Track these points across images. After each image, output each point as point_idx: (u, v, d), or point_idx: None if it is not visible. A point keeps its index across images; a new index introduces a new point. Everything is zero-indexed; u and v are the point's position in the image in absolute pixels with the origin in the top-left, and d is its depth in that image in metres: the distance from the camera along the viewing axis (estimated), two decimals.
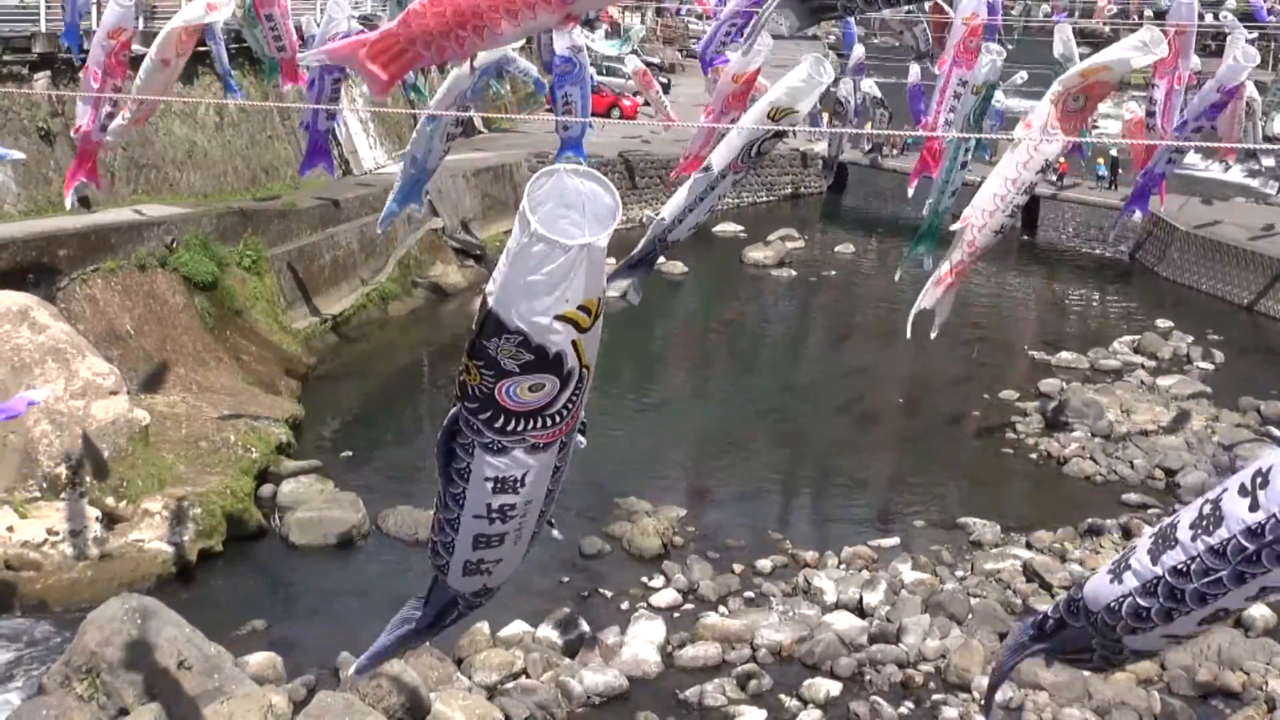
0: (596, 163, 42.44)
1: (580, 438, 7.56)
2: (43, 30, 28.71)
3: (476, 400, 6.93)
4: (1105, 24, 50.80)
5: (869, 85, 45.17)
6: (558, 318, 6.45)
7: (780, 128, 13.74)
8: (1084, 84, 13.68)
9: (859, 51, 43.73)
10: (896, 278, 13.69)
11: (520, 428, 7.02)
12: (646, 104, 51.52)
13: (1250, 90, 39.75)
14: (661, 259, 39.93)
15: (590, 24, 52.39)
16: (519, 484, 7.29)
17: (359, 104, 36.69)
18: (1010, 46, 43.06)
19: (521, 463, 7.16)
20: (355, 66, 10.63)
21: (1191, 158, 49.92)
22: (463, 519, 7.62)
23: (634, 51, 47.92)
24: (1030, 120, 13.21)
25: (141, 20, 27.41)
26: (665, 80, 54.39)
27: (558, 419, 7.09)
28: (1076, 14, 57.94)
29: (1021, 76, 37.87)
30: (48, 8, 28.97)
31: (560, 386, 6.89)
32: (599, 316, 6.66)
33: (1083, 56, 34.98)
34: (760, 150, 13.09)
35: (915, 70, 37.37)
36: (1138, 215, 32.56)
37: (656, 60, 48.65)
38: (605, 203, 6.55)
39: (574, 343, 6.66)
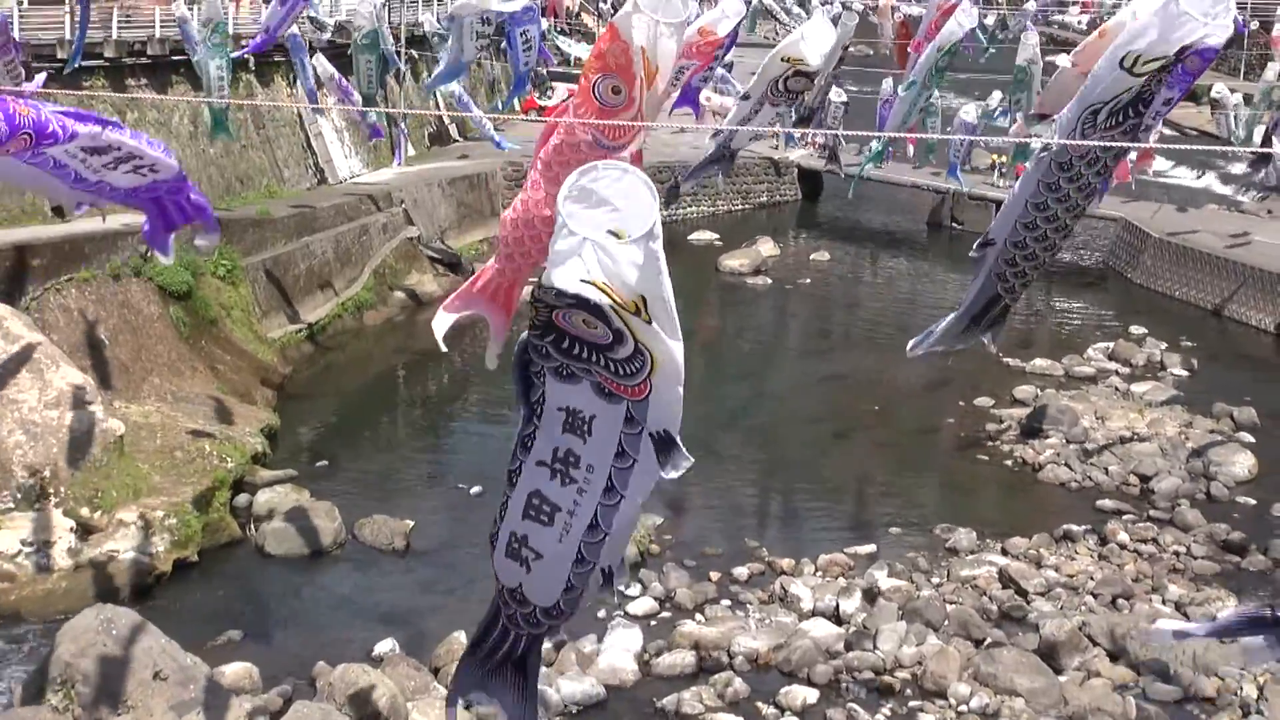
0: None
1: (667, 470, 7.51)
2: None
3: (539, 326, 7.11)
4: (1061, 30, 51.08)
5: (836, 93, 45.24)
6: (583, 281, 6.56)
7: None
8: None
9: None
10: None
11: (584, 355, 7.09)
12: None
13: (1226, 95, 40.15)
14: None
15: (567, 34, 52.48)
16: (587, 428, 7.35)
17: (333, 112, 36.75)
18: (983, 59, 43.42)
19: (591, 402, 7.23)
20: (483, 310, 11.71)
21: (1162, 164, 50.27)
22: (525, 467, 7.80)
23: None
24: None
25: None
26: None
27: (621, 372, 7.05)
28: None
29: (994, 98, 37.84)
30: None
31: (614, 340, 6.87)
32: (650, 319, 6.71)
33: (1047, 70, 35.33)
34: (788, 88, 13.28)
35: (888, 84, 37.46)
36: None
37: None
38: (641, 206, 6.65)
39: (620, 316, 6.71)
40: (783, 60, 13.01)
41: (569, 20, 54.31)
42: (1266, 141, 36.94)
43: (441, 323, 12.44)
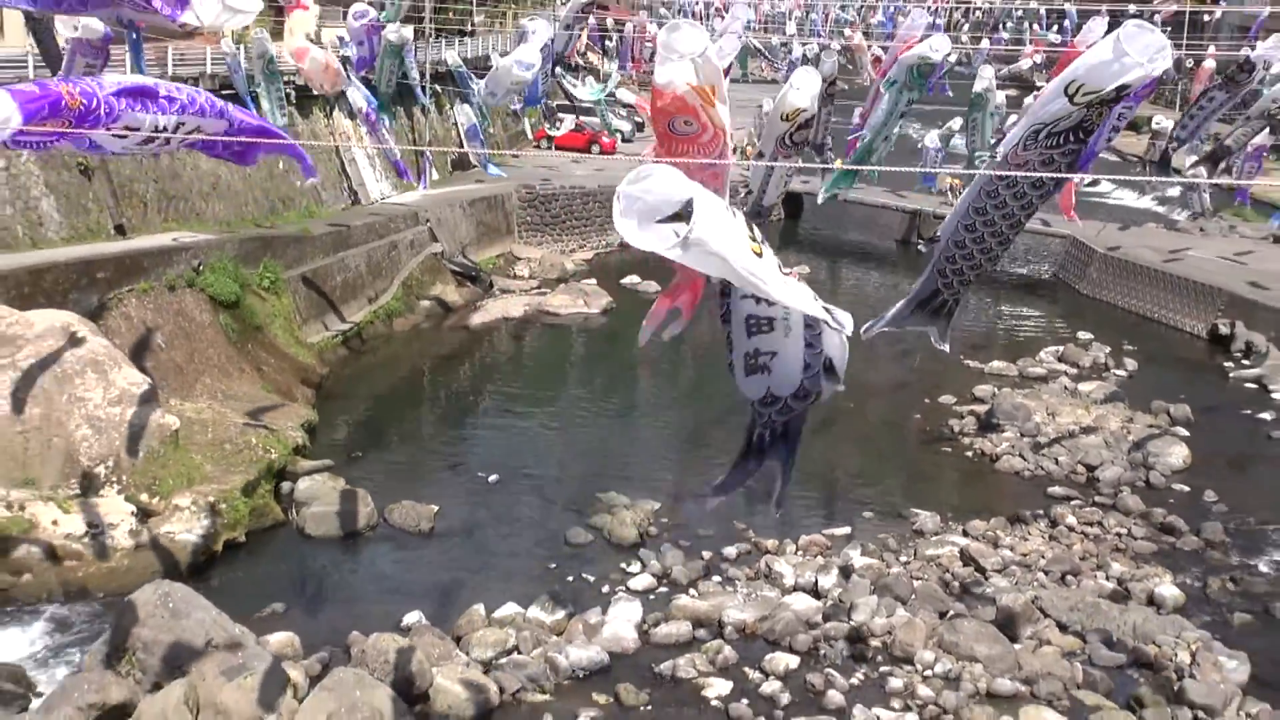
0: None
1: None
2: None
3: None
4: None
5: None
6: None
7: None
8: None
9: None
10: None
11: None
12: (626, 139, 51.63)
13: (1165, 126, 40.12)
14: (637, 279, 40.10)
15: (575, 70, 52.42)
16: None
17: (366, 142, 36.79)
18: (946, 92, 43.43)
19: None
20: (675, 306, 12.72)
21: (1106, 186, 50.34)
22: (732, 303, 8.15)
23: (611, 94, 47.97)
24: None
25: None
26: (640, 120, 54.46)
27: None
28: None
29: (955, 124, 37.90)
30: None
31: None
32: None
33: (1011, 99, 35.42)
34: (793, 139, 13.26)
35: (858, 113, 37.39)
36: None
37: (631, 101, 48.74)
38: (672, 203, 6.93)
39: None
40: (783, 119, 12.99)
41: (578, 54, 54.27)
42: (1164, 160, 36.92)
43: (644, 334, 12.53)
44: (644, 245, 6.92)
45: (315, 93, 32.55)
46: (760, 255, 7.47)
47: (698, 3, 66.75)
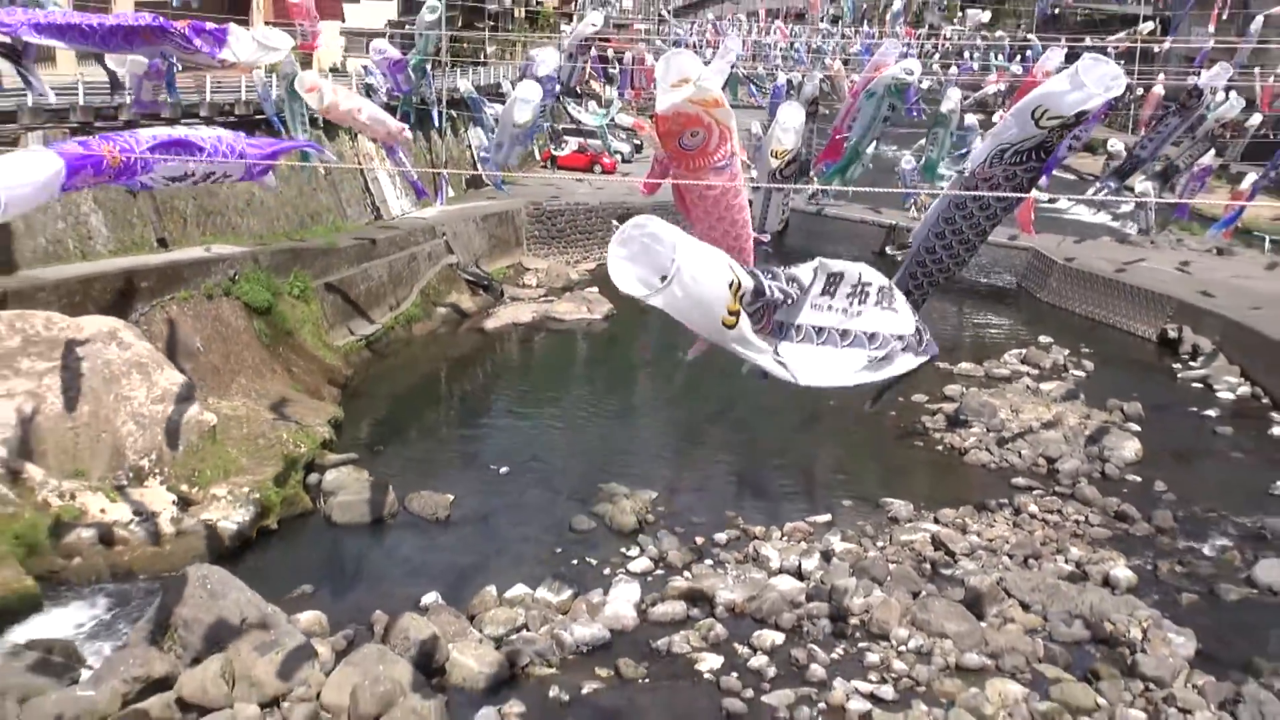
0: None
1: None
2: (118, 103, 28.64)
3: None
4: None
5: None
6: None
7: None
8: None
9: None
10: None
11: None
12: (625, 160, 51.60)
13: (1120, 148, 40.16)
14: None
15: (579, 96, 52.37)
16: None
17: (389, 164, 36.75)
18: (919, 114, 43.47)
19: None
20: None
21: (1064, 203, 50.28)
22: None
23: (612, 120, 47.90)
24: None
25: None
26: (638, 142, 54.42)
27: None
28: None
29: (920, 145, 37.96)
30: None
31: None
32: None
33: (983, 123, 35.47)
34: (784, 174, 13.21)
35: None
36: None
37: (629, 123, 48.68)
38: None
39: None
40: (773, 156, 13.00)
41: (582, 82, 54.23)
42: (1124, 175, 37.05)
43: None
44: (627, 289, 6.90)
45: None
46: (734, 326, 7.42)
47: (692, 34, 66.84)
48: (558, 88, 30.29)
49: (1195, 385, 31.91)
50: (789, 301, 8.22)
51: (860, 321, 8.70)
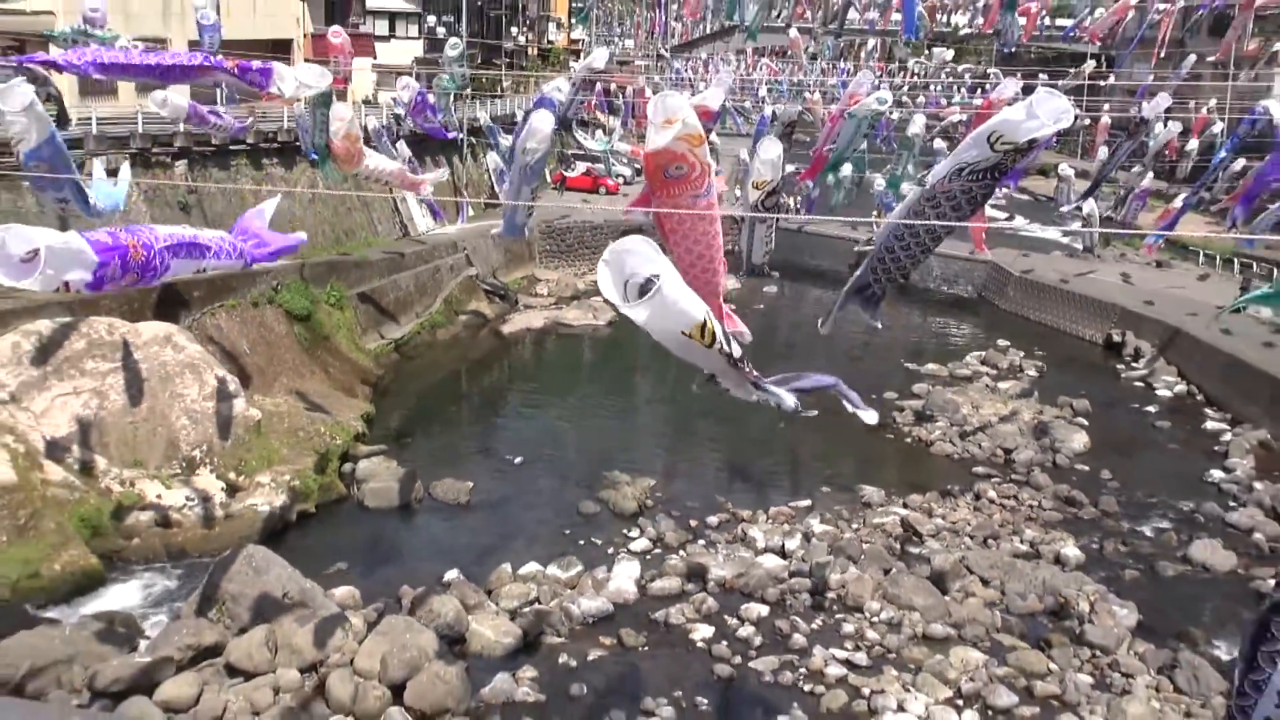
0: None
1: None
2: (180, 130, 28.68)
3: None
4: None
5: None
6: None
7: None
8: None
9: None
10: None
11: None
12: (626, 182, 51.60)
13: (1069, 173, 40.23)
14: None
15: (586, 125, 52.45)
16: None
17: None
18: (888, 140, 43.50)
19: None
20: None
21: (1020, 221, 50.26)
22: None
23: (614, 147, 47.94)
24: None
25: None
26: (638, 166, 54.39)
27: None
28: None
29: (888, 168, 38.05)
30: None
31: None
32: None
33: (949, 148, 35.50)
34: (765, 205, 13.18)
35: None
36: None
37: (628, 149, 48.69)
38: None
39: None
40: (755, 187, 13.03)
41: (587, 113, 54.22)
42: (1092, 190, 37.20)
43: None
44: (610, 296, 6.90)
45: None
46: (710, 344, 7.39)
47: (687, 70, 66.83)
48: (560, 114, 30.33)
49: (1137, 384, 31.91)
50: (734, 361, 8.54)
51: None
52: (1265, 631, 5.14)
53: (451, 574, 19.04)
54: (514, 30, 65.36)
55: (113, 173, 17.78)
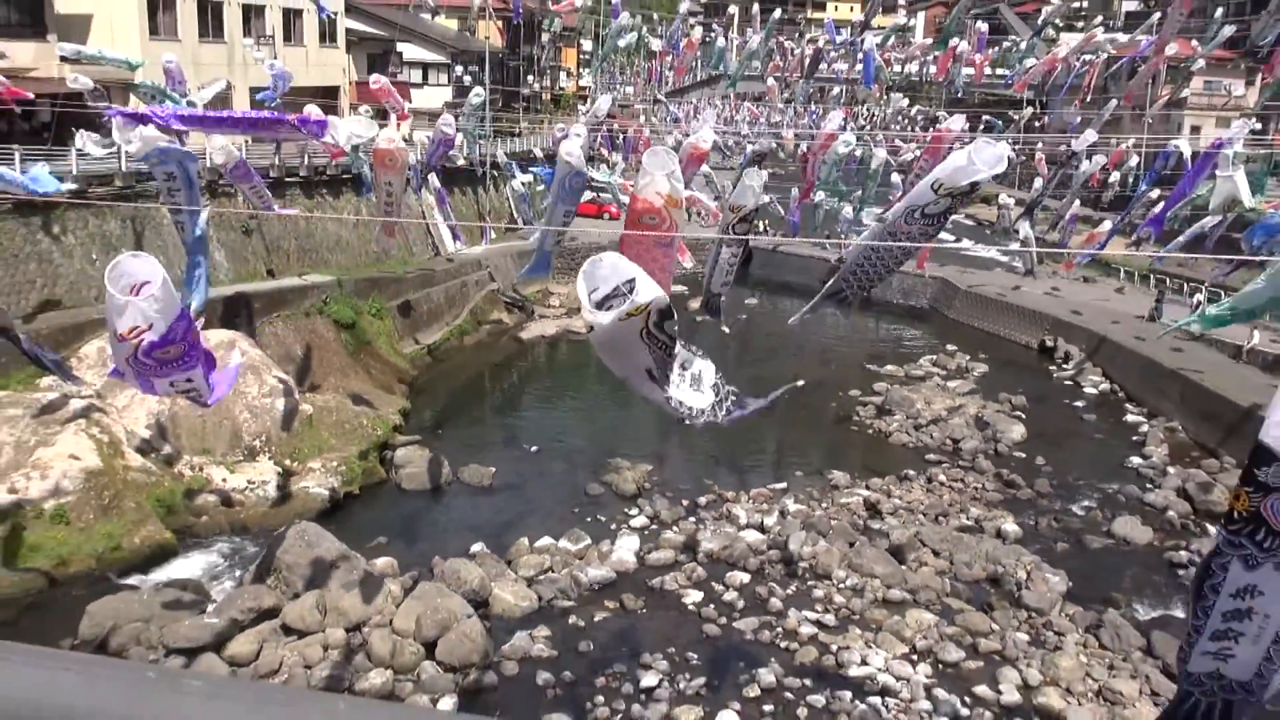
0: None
1: None
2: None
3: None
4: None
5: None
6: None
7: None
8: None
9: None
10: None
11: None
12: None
13: (1009, 202, 40.25)
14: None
15: (593, 160, 52.31)
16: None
17: (436, 212, 36.72)
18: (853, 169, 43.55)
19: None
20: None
21: (966, 243, 50.22)
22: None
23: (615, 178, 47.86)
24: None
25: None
26: None
27: None
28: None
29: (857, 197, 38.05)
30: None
31: None
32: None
33: (903, 180, 35.52)
34: (736, 229, 13.12)
35: (796, 191, 37.61)
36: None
37: (621, 183, 48.61)
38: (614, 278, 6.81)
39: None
40: (731, 210, 13.03)
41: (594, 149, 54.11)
42: (1030, 210, 37.37)
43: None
44: (582, 299, 6.88)
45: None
46: (667, 352, 7.37)
47: (679, 111, 66.78)
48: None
49: (1067, 383, 31.89)
50: (668, 353, 8.34)
51: (680, 391, 9.13)
52: (1208, 570, 5.54)
53: (477, 546, 19.04)
54: (530, 78, 65.33)
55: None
